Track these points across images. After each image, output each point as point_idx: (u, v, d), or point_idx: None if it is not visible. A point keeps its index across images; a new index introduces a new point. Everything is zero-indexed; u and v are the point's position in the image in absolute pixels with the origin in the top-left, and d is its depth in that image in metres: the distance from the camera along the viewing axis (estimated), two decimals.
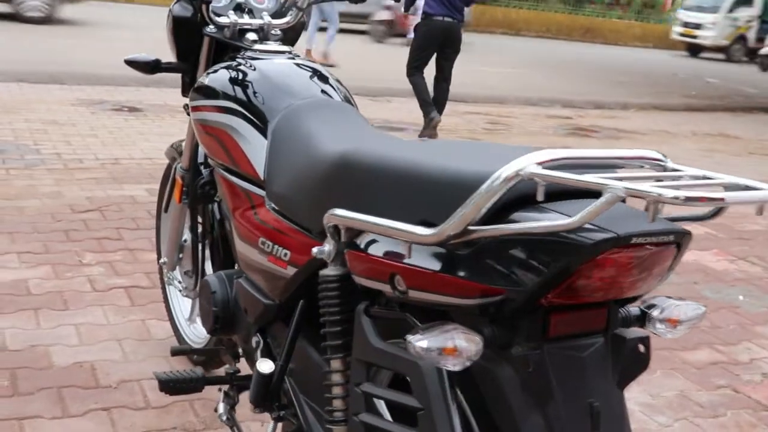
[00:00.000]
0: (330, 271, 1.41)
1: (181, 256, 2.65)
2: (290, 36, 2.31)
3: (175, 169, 2.50)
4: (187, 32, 2.26)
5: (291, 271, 1.59)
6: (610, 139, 8.78)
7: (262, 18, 2.21)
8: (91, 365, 2.68)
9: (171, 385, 1.94)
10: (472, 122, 8.70)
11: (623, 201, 1.11)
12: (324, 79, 2.00)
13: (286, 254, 1.61)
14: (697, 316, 1.22)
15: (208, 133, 1.99)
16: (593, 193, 1.09)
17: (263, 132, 1.82)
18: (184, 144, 2.57)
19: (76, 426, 2.33)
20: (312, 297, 1.63)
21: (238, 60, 2.06)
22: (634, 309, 1.22)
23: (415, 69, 7.50)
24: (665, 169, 1.13)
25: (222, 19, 2.17)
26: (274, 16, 2.25)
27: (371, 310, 1.33)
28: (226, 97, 1.93)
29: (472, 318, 1.15)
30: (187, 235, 2.61)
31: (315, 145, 1.59)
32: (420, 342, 1.10)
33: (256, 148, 1.82)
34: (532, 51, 19.33)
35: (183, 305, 2.86)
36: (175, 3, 2.28)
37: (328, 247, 1.40)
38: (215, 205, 2.34)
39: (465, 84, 8.56)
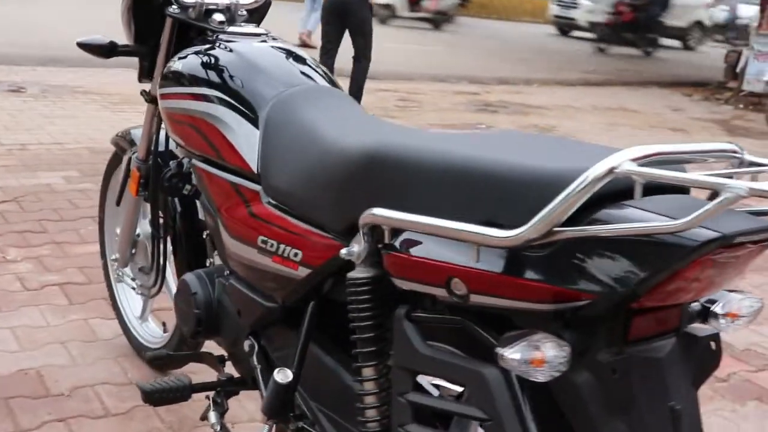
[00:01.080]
0: (360, 273, 1.31)
1: (134, 251, 2.48)
2: (256, 17, 2.17)
3: (130, 159, 2.33)
4: (146, 12, 2.10)
5: (303, 272, 1.48)
6: (518, 114, 8.87)
7: None
8: (36, 372, 2.48)
9: (156, 396, 1.80)
10: (384, 99, 8.62)
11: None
12: (306, 62, 1.89)
13: (296, 254, 1.50)
14: (757, 309, 1.19)
15: (184, 123, 1.85)
16: (673, 188, 1.05)
17: (253, 121, 1.70)
18: (139, 132, 2.40)
19: None
20: (322, 299, 1.54)
21: (212, 43, 1.91)
22: (695, 305, 1.18)
23: (322, 49, 7.35)
24: (742, 162, 1.09)
25: None
26: None
27: (413, 314, 1.25)
28: (206, 83, 1.79)
29: (546, 322, 1.08)
30: (141, 230, 2.45)
31: (329, 139, 1.48)
32: (513, 354, 1.02)
33: (245, 138, 1.69)
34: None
35: (133, 303, 2.69)
36: None
37: (358, 247, 1.30)
38: (177, 199, 2.20)
39: (373, 61, 8.47)
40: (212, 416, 1.79)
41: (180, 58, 1.91)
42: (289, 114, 1.65)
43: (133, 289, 2.55)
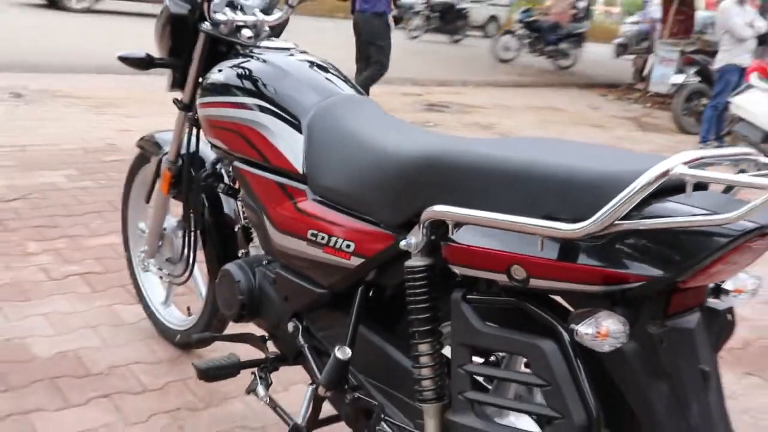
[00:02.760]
0: (417, 261, 1.37)
1: (160, 244, 2.50)
2: (276, 32, 2.21)
3: (160, 161, 2.35)
4: (181, 29, 2.12)
5: (356, 261, 1.53)
6: (461, 113, 8.99)
7: (254, 15, 2.10)
8: (74, 354, 2.49)
9: (211, 373, 1.85)
10: None
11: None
12: (334, 73, 1.93)
13: (348, 246, 1.54)
14: (757, 285, 1.28)
15: (226, 129, 1.88)
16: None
17: (296, 127, 1.74)
18: (164, 136, 2.44)
19: (84, 415, 2.17)
20: (369, 284, 1.59)
21: (249, 57, 1.95)
22: None
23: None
24: (756, 163, 1.16)
25: (219, 16, 2.04)
26: (263, 12, 2.14)
27: (469, 296, 1.31)
28: (249, 93, 1.83)
29: (597, 301, 1.15)
30: (167, 225, 2.47)
31: (381, 145, 1.52)
32: (586, 329, 1.10)
33: (290, 143, 1.74)
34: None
35: (156, 291, 2.71)
36: (170, 1, 2.12)
37: (415, 239, 1.36)
38: (206, 197, 2.23)
39: None
40: (260, 390, 1.84)
41: (220, 71, 1.94)
42: (332, 121, 1.70)
43: (161, 278, 2.57)
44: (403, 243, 1.38)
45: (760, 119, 7.12)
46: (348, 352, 1.52)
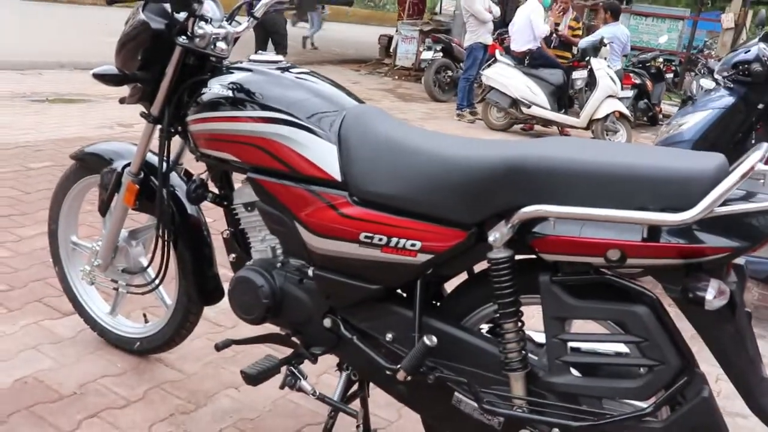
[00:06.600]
0: (501, 253, 1.46)
1: (113, 256, 2.29)
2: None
3: (120, 173, 2.14)
4: (157, 43, 1.94)
5: (423, 257, 1.55)
6: None
7: (224, 27, 1.98)
8: (34, 379, 2.20)
9: (260, 377, 1.77)
10: None
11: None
12: (333, 83, 1.90)
13: (414, 245, 1.56)
14: None
15: (239, 142, 1.77)
16: None
17: (326, 138, 1.70)
18: (105, 148, 2.27)
19: None
20: (427, 276, 1.64)
21: (248, 71, 1.84)
22: None
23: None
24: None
25: (198, 30, 1.91)
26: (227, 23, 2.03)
27: (554, 278, 1.44)
28: (266, 108, 1.73)
29: (676, 272, 1.33)
30: (120, 237, 2.27)
31: (447, 152, 1.52)
32: (709, 295, 1.26)
33: (321, 153, 1.69)
34: None
35: (98, 302, 2.48)
36: (147, 16, 1.92)
37: (500, 234, 1.44)
38: (177, 207, 2.12)
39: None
40: (305, 384, 1.79)
41: (222, 85, 1.82)
42: (368, 130, 1.66)
43: (115, 289, 2.35)
44: (491, 238, 1.45)
45: (508, 88, 7.88)
46: (435, 339, 1.55)
